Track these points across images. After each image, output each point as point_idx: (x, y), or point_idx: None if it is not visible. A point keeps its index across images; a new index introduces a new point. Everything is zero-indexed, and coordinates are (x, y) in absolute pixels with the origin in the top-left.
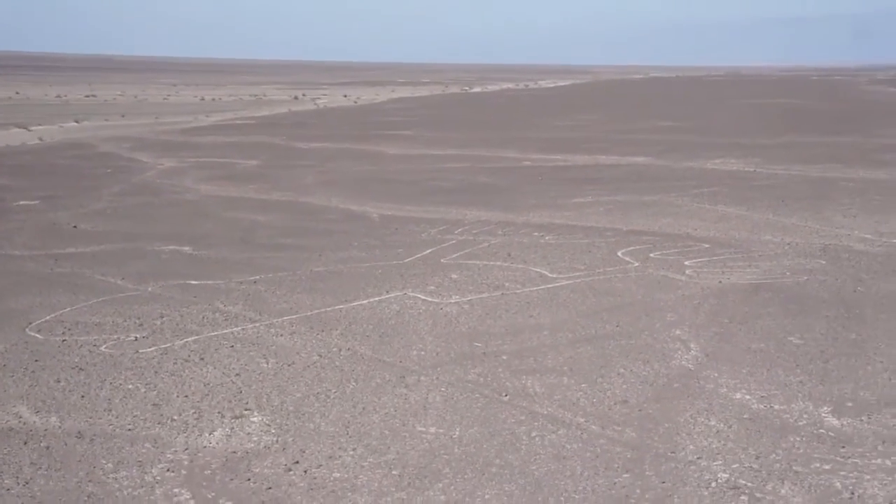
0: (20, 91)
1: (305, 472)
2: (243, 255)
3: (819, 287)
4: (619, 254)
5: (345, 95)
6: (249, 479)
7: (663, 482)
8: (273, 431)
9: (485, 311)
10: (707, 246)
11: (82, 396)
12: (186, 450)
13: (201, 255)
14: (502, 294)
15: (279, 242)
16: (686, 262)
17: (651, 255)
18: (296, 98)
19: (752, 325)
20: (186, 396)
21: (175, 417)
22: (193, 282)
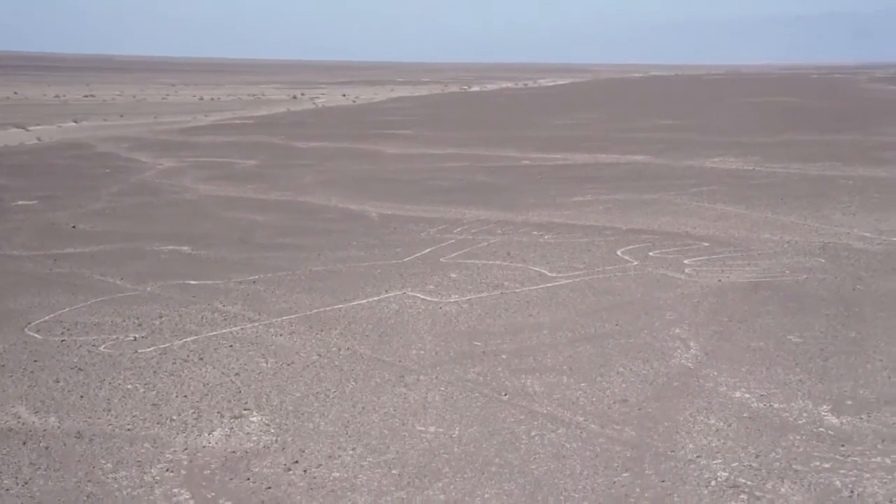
0: (18, 91)
1: (305, 471)
2: (242, 254)
3: (818, 285)
4: (618, 252)
5: (343, 95)
6: (249, 479)
7: (663, 481)
8: (272, 431)
9: (484, 311)
10: (706, 244)
11: (81, 396)
12: (186, 450)
13: (200, 255)
14: (501, 293)
15: (278, 242)
16: (685, 261)
17: (650, 254)
18: (294, 97)
19: (751, 324)
20: (185, 396)
21: (174, 417)
22: (192, 282)
